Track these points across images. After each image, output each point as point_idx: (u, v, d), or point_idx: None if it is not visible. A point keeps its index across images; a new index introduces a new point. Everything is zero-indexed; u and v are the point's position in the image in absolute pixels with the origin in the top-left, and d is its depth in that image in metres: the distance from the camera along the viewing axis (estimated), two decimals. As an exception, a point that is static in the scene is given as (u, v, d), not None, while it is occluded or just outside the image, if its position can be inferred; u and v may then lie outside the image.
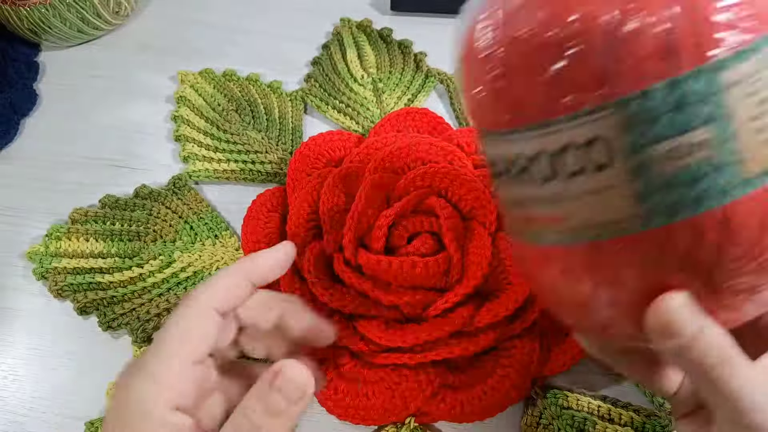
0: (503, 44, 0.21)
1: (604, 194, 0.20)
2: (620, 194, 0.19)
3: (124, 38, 0.57)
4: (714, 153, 0.19)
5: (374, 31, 0.56)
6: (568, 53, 0.19)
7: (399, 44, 0.55)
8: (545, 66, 0.20)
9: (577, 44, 0.19)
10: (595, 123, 0.19)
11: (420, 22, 0.57)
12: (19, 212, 0.46)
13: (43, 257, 0.42)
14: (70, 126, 0.51)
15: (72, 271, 0.42)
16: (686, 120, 0.18)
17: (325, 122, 0.51)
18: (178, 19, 0.58)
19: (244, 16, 0.59)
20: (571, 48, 0.19)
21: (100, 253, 0.43)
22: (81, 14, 0.53)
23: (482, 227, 0.39)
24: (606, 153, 0.19)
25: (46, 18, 0.53)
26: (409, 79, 0.52)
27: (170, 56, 0.55)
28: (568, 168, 0.20)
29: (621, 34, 0.19)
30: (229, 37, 0.57)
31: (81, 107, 0.52)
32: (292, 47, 0.56)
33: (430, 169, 0.39)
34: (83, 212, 0.45)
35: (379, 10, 0.58)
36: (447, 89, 0.52)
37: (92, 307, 0.41)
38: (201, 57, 0.55)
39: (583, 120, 0.19)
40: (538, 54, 0.20)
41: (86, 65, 0.55)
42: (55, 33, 0.54)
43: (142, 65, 0.55)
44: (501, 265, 0.38)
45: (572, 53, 0.19)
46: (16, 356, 0.40)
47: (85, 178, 0.48)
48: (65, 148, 0.50)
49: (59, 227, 0.44)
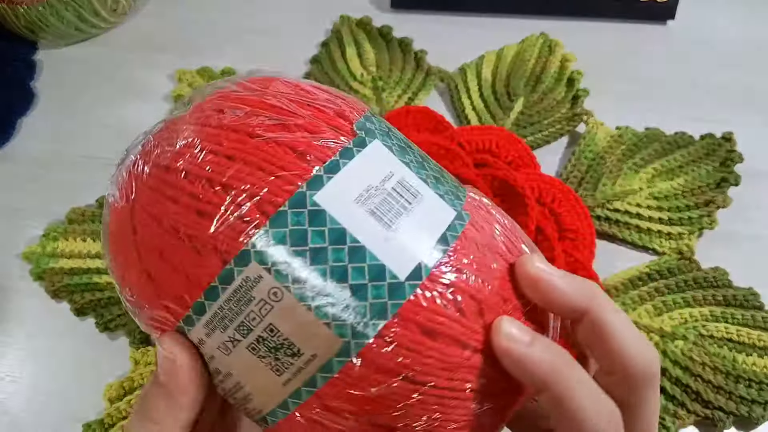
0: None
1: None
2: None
3: (122, 37, 0.57)
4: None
5: (374, 29, 0.55)
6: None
7: (399, 42, 0.54)
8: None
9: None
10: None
11: (420, 20, 0.57)
12: (16, 212, 0.46)
13: (40, 257, 0.42)
14: (68, 125, 0.51)
15: (69, 272, 0.41)
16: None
17: (325, 121, 0.50)
18: (176, 18, 0.58)
19: (242, 13, 0.58)
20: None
21: (98, 254, 0.42)
22: (78, 12, 0.53)
23: (483, 227, 0.38)
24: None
25: (43, 16, 0.52)
26: (410, 77, 0.52)
27: (168, 55, 0.55)
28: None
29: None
30: (227, 35, 0.57)
31: (78, 106, 0.52)
32: (291, 45, 0.55)
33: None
34: (80, 212, 0.44)
35: (379, 7, 0.58)
36: (447, 88, 0.52)
37: (89, 308, 0.40)
38: (199, 55, 0.54)
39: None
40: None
41: (84, 64, 0.55)
42: (53, 31, 0.54)
43: (139, 64, 0.54)
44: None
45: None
46: (13, 357, 0.40)
47: (83, 178, 0.47)
48: (62, 148, 0.49)
49: (56, 227, 0.43)
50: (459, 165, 0.40)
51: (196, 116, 0.22)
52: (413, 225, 0.20)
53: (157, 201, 0.20)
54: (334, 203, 0.19)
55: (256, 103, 0.21)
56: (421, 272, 0.19)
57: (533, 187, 0.41)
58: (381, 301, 0.19)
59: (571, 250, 0.39)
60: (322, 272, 0.19)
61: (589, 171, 0.45)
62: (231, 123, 0.21)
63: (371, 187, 0.20)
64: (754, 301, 0.39)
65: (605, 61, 0.54)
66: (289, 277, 0.19)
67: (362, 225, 0.19)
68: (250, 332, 0.19)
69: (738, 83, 0.52)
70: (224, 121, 0.21)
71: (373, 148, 0.21)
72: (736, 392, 0.36)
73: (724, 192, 0.44)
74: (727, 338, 0.38)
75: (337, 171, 0.20)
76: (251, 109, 0.21)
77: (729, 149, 0.46)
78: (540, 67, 0.52)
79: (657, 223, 0.43)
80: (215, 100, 0.22)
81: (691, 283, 0.40)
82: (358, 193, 0.20)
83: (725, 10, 0.58)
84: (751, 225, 0.44)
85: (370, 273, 0.19)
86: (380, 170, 0.20)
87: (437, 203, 0.21)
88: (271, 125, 0.20)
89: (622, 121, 0.49)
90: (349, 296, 0.19)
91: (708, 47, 0.55)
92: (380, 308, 0.19)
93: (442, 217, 0.20)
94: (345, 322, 0.19)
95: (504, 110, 0.49)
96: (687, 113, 0.50)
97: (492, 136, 0.45)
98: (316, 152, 0.20)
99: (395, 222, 0.20)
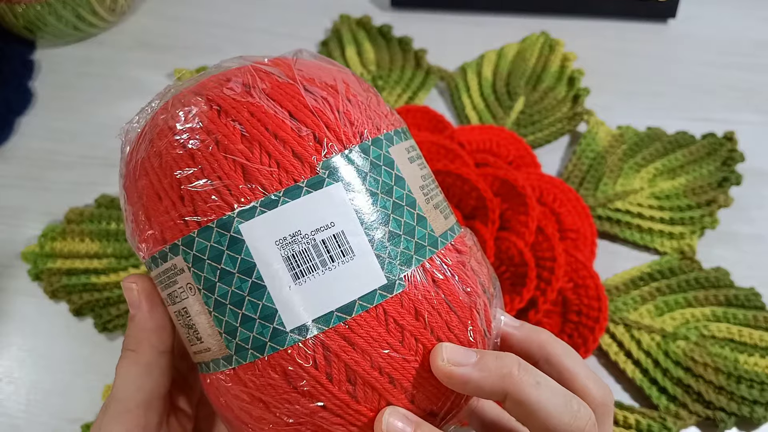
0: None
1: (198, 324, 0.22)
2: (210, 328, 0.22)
3: (120, 36, 0.56)
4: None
5: (374, 28, 0.55)
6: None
7: (399, 41, 0.54)
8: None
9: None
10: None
11: (420, 19, 0.57)
12: (14, 212, 0.45)
13: (38, 258, 0.42)
14: (66, 124, 0.50)
15: (67, 272, 0.41)
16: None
17: (324, 120, 0.50)
18: (174, 17, 0.58)
19: (241, 13, 0.58)
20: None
21: (96, 254, 0.42)
22: (77, 12, 0.53)
23: (484, 227, 0.38)
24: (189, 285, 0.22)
25: (41, 15, 0.52)
26: (409, 76, 0.52)
27: (166, 54, 0.55)
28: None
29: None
30: (226, 34, 0.56)
31: (76, 105, 0.52)
32: (290, 44, 0.55)
33: (431, 168, 0.39)
34: (79, 212, 0.44)
35: (378, 6, 0.58)
36: (447, 87, 0.52)
37: (88, 309, 0.40)
38: (197, 54, 0.54)
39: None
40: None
41: (82, 63, 0.54)
42: (51, 30, 0.53)
43: (138, 63, 0.54)
44: (504, 265, 0.38)
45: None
46: (11, 358, 0.39)
47: (81, 178, 0.47)
48: (61, 147, 0.49)
49: (54, 227, 0.43)
50: (459, 165, 0.40)
51: (166, 110, 0.23)
52: (323, 284, 0.20)
53: (150, 168, 0.22)
54: (255, 238, 0.20)
55: (244, 104, 0.21)
56: (307, 332, 0.20)
57: (534, 187, 0.41)
58: (262, 339, 0.20)
59: (572, 249, 0.39)
60: (224, 291, 0.20)
61: (590, 170, 0.45)
62: (206, 125, 0.21)
63: (299, 233, 0.20)
64: (756, 301, 0.39)
65: (606, 60, 0.54)
66: (201, 282, 0.21)
67: (272, 267, 0.20)
68: (174, 304, 0.22)
69: (740, 82, 0.52)
70: (205, 121, 0.21)
71: (326, 193, 0.20)
72: (738, 393, 0.36)
73: (725, 191, 0.44)
74: (728, 338, 0.38)
75: (272, 208, 0.20)
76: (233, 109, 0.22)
77: (730, 149, 0.46)
78: (541, 66, 0.52)
79: (658, 222, 0.43)
80: (214, 82, 0.23)
81: (692, 283, 0.40)
82: (283, 236, 0.20)
83: (726, 8, 0.58)
84: (753, 224, 0.44)
85: (262, 311, 0.20)
86: (320, 218, 0.20)
87: (370, 267, 0.20)
88: (239, 137, 0.21)
89: (623, 121, 0.48)
90: (240, 322, 0.20)
91: (710, 46, 0.55)
92: (260, 344, 0.20)
93: (365, 283, 0.20)
94: (231, 340, 0.21)
95: (504, 109, 0.49)
96: (688, 112, 0.50)
97: (492, 135, 0.45)
98: (264, 181, 0.20)
99: (305, 275, 0.20)
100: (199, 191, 0.21)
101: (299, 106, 0.21)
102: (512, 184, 0.39)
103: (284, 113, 0.21)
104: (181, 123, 0.22)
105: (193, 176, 0.21)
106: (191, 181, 0.21)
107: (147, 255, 0.23)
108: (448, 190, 0.39)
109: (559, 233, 0.40)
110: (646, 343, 0.38)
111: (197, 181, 0.21)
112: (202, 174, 0.21)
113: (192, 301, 0.21)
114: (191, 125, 0.21)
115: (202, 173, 0.21)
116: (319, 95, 0.22)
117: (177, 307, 0.22)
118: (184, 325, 0.22)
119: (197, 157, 0.21)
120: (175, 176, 0.21)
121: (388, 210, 0.21)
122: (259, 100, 0.21)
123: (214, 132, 0.21)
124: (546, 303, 0.37)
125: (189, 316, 0.22)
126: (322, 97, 0.22)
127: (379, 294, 0.20)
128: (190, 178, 0.21)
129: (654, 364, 0.37)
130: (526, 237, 0.38)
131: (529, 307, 0.37)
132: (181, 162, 0.21)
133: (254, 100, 0.21)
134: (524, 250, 0.37)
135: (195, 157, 0.21)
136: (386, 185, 0.22)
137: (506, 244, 0.38)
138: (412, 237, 0.21)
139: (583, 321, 0.37)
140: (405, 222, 0.21)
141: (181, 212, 0.21)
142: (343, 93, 0.23)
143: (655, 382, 0.37)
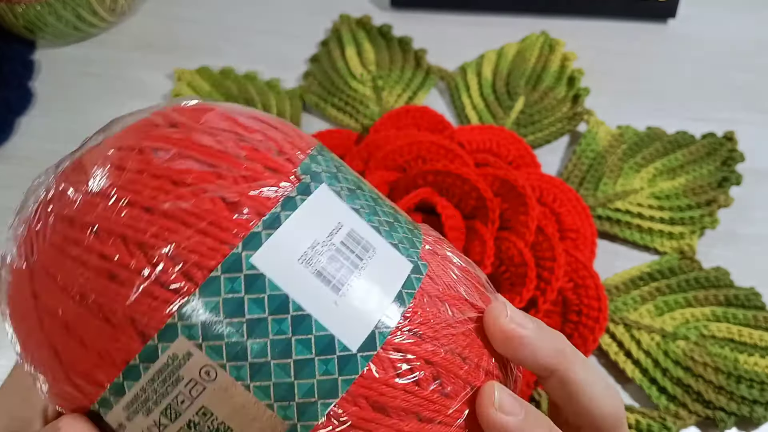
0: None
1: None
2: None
3: (121, 36, 0.56)
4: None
5: (374, 28, 0.55)
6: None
7: (399, 41, 0.54)
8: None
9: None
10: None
11: (420, 19, 0.57)
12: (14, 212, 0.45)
13: (38, 258, 0.42)
14: (66, 125, 0.50)
15: (67, 272, 0.41)
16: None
17: (324, 120, 0.50)
18: (174, 17, 0.58)
19: (241, 13, 0.58)
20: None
21: (96, 254, 0.42)
22: (77, 12, 0.53)
23: (484, 227, 0.38)
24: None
25: (41, 15, 0.52)
26: (409, 76, 0.52)
27: (167, 54, 0.55)
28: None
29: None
30: (226, 34, 0.56)
31: (77, 106, 0.52)
32: (290, 44, 0.55)
33: (431, 168, 0.39)
34: (79, 212, 0.44)
35: (378, 6, 0.58)
36: (448, 87, 0.52)
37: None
38: (198, 54, 0.54)
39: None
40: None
41: (82, 63, 0.54)
42: (51, 31, 0.53)
43: (138, 63, 0.54)
44: (503, 265, 0.38)
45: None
46: (10, 358, 0.39)
47: (81, 178, 0.47)
48: (61, 147, 0.48)
49: (55, 227, 0.43)
50: (459, 165, 0.40)
51: (110, 155, 0.19)
52: (365, 285, 0.18)
53: (61, 262, 0.17)
54: (274, 265, 0.17)
55: (183, 142, 0.18)
56: (376, 341, 0.17)
57: (534, 187, 0.41)
58: (331, 378, 0.17)
59: (572, 249, 0.39)
60: (259, 348, 0.16)
61: (590, 170, 0.45)
62: (152, 167, 0.18)
63: (317, 242, 0.17)
64: (756, 301, 0.39)
65: (606, 59, 0.54)
66: (224, 353, 0.16)
67: (308, 289, 0.17)
68: (179, 417, 0.17)
69: (740, 82, 0.52)
70: (144, 164, 0.18)
71: (318, 195, 0.18)
72: (738, 393, 0.36)
73: (725, 191, 0.44)
74: (728, 338, 0.38)
75: (277, 226, 0.17)
76: (177, 149, 0.18)
77: (730, 148, 0.46)
78: (540, 66, 0.52)
79: (658, 222, 0.43)
80: (135, 135, 0.19)
81: (692, 283, 0.40)
82: (303, 251, 0.17)
83: (727, 8, 0.58)
84: (753, 224, 0.44)
85: (318, 346, 0.17)
86: (327, 221, 0.18)
87: (392, 256, 0.19)
88: (200, 171, 0.18)
89: (623, 120, 0.48)
90: (294, 375, 0.16)
91: (709, 45, 0.55)
92: (330, 386, 0.17)
93: (398, 272, 0.18)
94: (288, 405, 0.16)
95: (504, 109, 0.49)
96: (688, 112, 0.50)
97: (492, 135, 0.45)
98: (253, 203, 0.17)
99: (345, 283, 0.17)
100: (181, 243, 0.17)
101: (248, 135, 0.19)
102: (512, 184, 0.39)
103: (240, 139, 0.19)
104: (101, 186, 0.18)
105: (158, 230, 0.17)
106: (165, 238, 0.17)
107: (99, 386, 0.17)
108: (448, 190, 0.39)
109: (559, 233, 0.40)
110: (645, 343, 0.38)
111: (164, 232, 0.17)
112: (169, 221, 0.17)
113: (215, 389, 0.16)
114: (111, 182, 0.17)
115: (169, 221, 0.17)
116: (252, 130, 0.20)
117: (187, 416, 0.17)
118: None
119: (156, 207, 0.17)
120: (138, 239, 0.17)
121: (371, 203, 0.20)
122: (210, 139, 0.19)
123: (164, 175, 0.17)
124: (546, 303, 0.37)
125: (213, 416, 0.17)
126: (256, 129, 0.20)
127: (414, 278, 0.19)
128: (158, 239, 0.17)
129: (654, 363, 0.37)
130: (526, 237, 0.38)
131: (529, 307, 0.37)
132: (138, 221, 0.17)
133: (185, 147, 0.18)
134: (524, 250, 0.37)
135: (153, 210, 0.17)
136: (356, 182, 0.21)
137: (506, 244, 0.38)
138: (400, 223, 0.21)
139: (583, 321, 0.37)
140: (388, 211, 0.21)
141: (162, 280, 0.16)
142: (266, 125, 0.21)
143: (655, 381, 0.37)
